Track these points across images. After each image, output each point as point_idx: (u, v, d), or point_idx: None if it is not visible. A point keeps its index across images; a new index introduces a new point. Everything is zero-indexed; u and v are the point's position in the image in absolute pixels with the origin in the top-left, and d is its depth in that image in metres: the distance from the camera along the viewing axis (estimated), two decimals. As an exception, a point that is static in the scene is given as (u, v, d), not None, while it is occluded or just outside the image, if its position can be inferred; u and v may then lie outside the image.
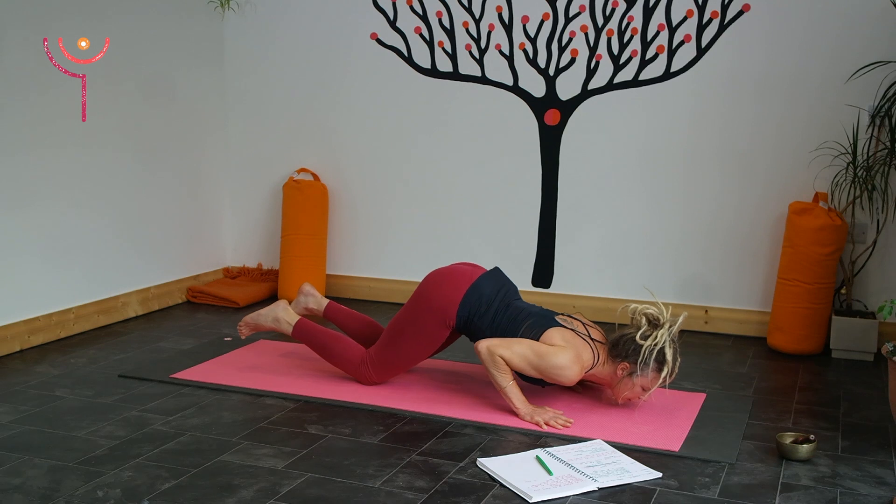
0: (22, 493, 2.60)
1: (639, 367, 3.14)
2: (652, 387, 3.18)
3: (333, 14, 4.91)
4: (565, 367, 3.15)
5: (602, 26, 4.45)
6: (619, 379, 3.21)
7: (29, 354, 3.93)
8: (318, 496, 2.60)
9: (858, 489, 2.73)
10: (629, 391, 3.22)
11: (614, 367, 3.22)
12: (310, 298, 3.81)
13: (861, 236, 4.22)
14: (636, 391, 3.21)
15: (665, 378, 3.16)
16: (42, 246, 4.08)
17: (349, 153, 5.02)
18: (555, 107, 4.59)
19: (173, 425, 3.12)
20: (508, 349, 3.18)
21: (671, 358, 3.13)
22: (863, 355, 4.06)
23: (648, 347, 3.12)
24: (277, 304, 3.68)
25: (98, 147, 4.34)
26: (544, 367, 3.16)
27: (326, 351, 3.55)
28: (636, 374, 3.16)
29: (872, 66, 4.00)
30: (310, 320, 3.66)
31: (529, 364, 3.17)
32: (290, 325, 3.60)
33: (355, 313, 3.80)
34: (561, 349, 3.17)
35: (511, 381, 3.20)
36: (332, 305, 3.81)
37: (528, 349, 3.18)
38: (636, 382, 3.18)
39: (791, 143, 4.27)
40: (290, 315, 3.63)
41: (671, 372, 3.17)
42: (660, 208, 4.53)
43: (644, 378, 3.16)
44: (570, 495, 2.64)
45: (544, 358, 3.15)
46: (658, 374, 3.15)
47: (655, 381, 3.16)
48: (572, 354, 3.16)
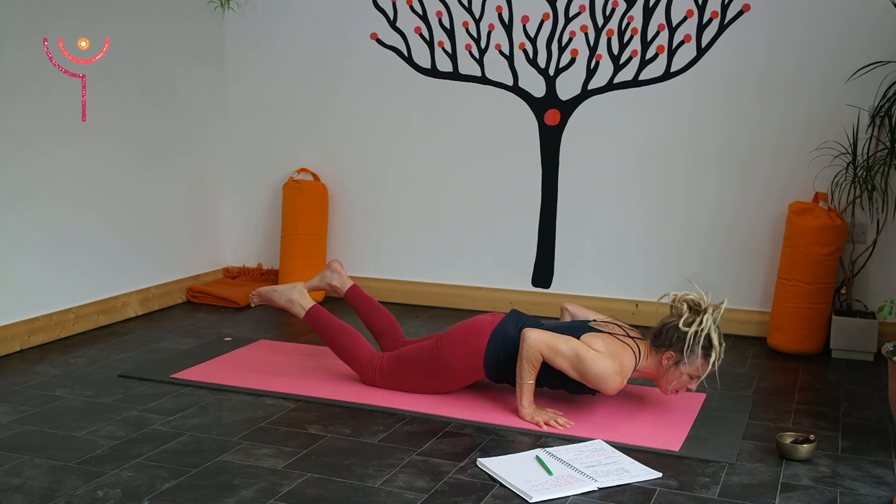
0: (22, 493, 2.60)
1: (685, 355, 3.09)
2: (701, 374, 3.12)
3: (333, 14, 4.91)
4: (606, 378, 3.10)
5: (602, 26, 4.45)
6: (666, 369, 3.16)
7: (29, 354, 3.93)
8: (318, 496, 2.60)
9: (858, 489, 2.73)
10: (676, 381, 3.16)
11: (659, 358, 3.17)
12: (335, 276, 3.77)
13: (861, 236, 4.22)
14: (683, 380, 3.15)
15: (714, 364, 3.11)
16: (42, 246, 4.08)
17: (349, 153, 5.02)
18: (555, 107, 4.59)
19: (173, 425, 3.12)
20: (556, 343, 3.11)
21: (717, 342, 3.09)
22: (863, 355, 4.06)
23: (693, 333, 3.07)
24: (294, 285, 3.64)
25: (98, 147, 4.34)
26: (585, 372, 3.10)
27: (335, 342, 3.53)
28: (683, 363, 3.11)
29: (872, 66, 4.00)
30: (323, 308, 3.62)
31: (572, 366, 3.12)
32: (303, 309, 3.57)
33: (375, 303, 3.76)
34: (602, 357, 3.10)
35: (533, 380, 3.17)
36: (355, 289, 3.77)
37: (573, 349, 3.10)
38: (683, 371, 3.13)
39: (791, 143, 4.27)
40: (306, 299, 3.60)
41: (719, 356, 3.12)
42: (659, 208, 4.53)
43: (692, 366, 3.11)
44: (570, 495, 2.64)
45: (586, 363, 3.09)
46: (706, 360, 3.09)
47: (704, 367, 3.11)
48: (613, 365, 3.10)
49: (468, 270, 4.88)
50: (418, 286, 4.97)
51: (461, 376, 3.36)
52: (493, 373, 3.31)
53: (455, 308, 4.88)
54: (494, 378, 3.33)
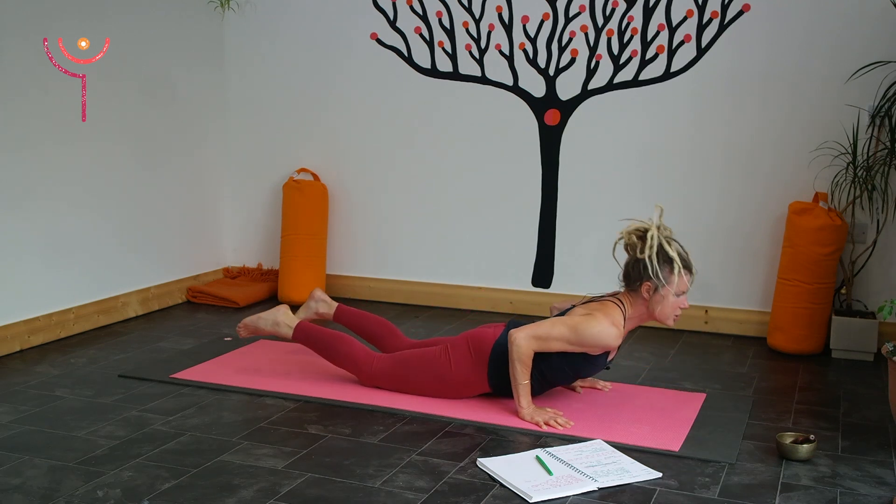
0: (22, 493, 2.60)
1: (656, 278, 3.12)
2: (684, 288, 3.15)
3: (333, 14, 4.91)
4: (603, 333, 3.12)
5: (602, 26, 4.45)
6: (651, 302, 3.18)
7: (29, 354, 3.93)
8: (318, 496, 2.60)
9: (858, 489, 2.73)
10: (668, 306, 3.18)
11: (640, 296, 3.20)
12: (321, 304, 3.78)
13: (861, 236, 4.22)
14: (673, 302, 3.17)
15: (690, 271, 3.15)
16: (42, 246, 4.08)
17: (349, 153, 5.02)
18: (555, 107, 4.59)
19: (173, 425, 3.12)
20: (543, 330, 3.15)
21: (675, 251, 3.13)
22: (863, 355, 4.05)
23: (649, 256, 3.11)
24: (278, 308, 3.65)
25: (98, 147, 4.34)
26: (582, 337, 3.13)
27: (329, 351, 3.53)
28: (661, 286, 3.14)
29: (872, 66, 4.00)
30: (310, 323, 3.64)
31: (568, 340, 3.14)
32: (289, 329, 3.58)
33: (365, 314, 3.78)
34: (590, 317, 3.16)
35: (528, 380, 3.19)
36: (341, 308, 3.79)
37: (562, 326, 3.15)
38: (666, 294, 3.15)
39: (791, 143, 4.27)
40: (290, 318, 3.61)
41: (687, 263, 3.16)
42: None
43: (670, 285, 3.14)
44: (570, 495, 2.64)
45: (579, 330, 3.13)
46: (676, 273, 3.13)
47: (680, 279, 3.14)
48: (604, 319, 3.15)
49: (468, 270, 4.88)
50: (418, 286, 4.97)
51: (465, 388, 3.37)
52: (497, 386, 3.32)
53: (455, 308, 4.88)
54: (498, 391, 3.33)
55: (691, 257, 3.22)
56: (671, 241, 3.17)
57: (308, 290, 4.90)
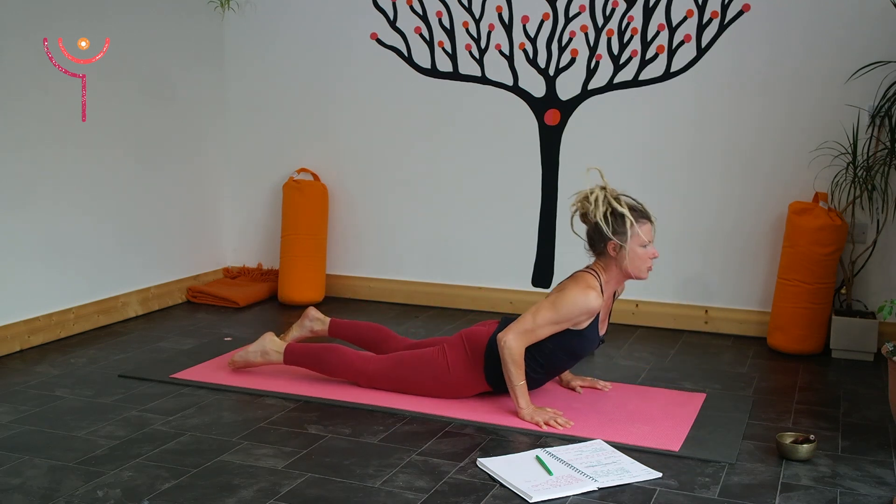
0: (22, 493, 2.60)
1: (615, 234, 3.17)
2: (647, 237, 3.19)
3: (333, 14, 4.91)
4: (579, 296, 3.15)
5: (602, 26, 4.45)
6: (620, 259, 3.21)
7: (29, 354, 3.93)
8: (318, 496, 2.60)
9: (858, 489, 2.73)
10: (637, 260, 3.21)
11: (609, 258, 3.23)
12: (315, 322, 3.78)
13: (861, 236, 4.21)
14: (641, 254, 3.20)
15: (647, 219, 3.20)
16: (42, 246, 4.08)
17: (349, 153, 5.02)
18: (555, 107, 4.59)
19: (173, 425, 3.12)
20: (527, 323, 3.17)
21: (622, 204, 3.18)
22: (863, 355, 4.05)
23: (602, 216, 3.17)
24: (263, 337, 3.64)
25: (98, 147, 4.34)
26: (565, 310, 3.15)
27: (324, 364, 3.53)
28: (624, 241, 3.17)
29: (872, 66, 4.00)
30: (297, 343, 3.64)
31: (554, 321, 3.16)
32: (279, 354, 3.58)
33: (358, 323, 3.80)
34: (565, 290, 3.20)
35: (523, 380, 3.19)
36: (335, 322, 3.80)
37: (542, 311, 3.18)
38: (631, 248, 3.18)
39: (791, 143, 4.27)
40: (277, 344, 3.60)
41: (641, 213, 3.21)
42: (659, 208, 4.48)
43: (632, 239, 3.17)
44: (570, 495, 2.64)
45: (558, 305, 3.16)
46: (630, 225, 3.16)
47: (641, 231, 3.18)
48: (577, 286, 3.19)
49: (468, 270, 4.87)
50: (418, 286, 4.97)
51: (464, 387, 3.37)
52: (495, 383, 3.32)
53: (455, 308, 4.88)
54: (497, 387, 3.33)
55: (646, 207, 3.27)
56: (618, 197, 3.22)
57: (308, 289, 4.92)
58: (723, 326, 4.49)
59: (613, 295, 3.36)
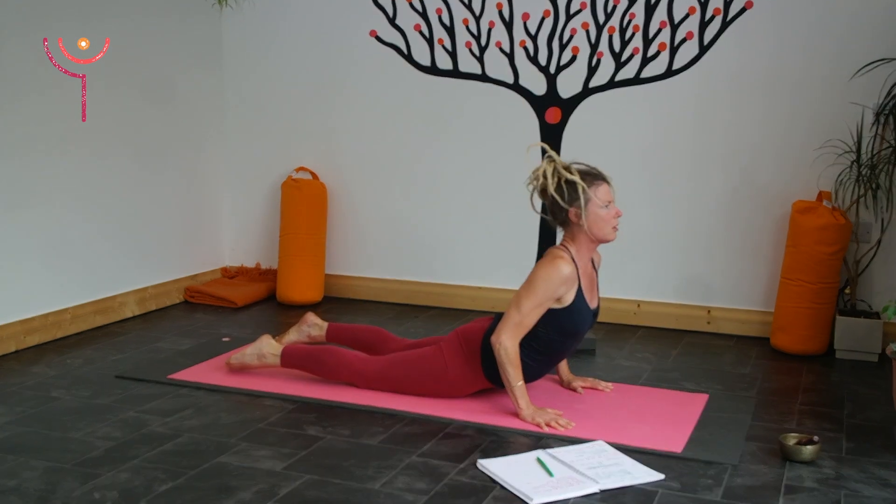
0: (18, 494, 2.58)
1: (574, 203, 3.20)
2: (605, 198, 3.22)
3: (332, 12, 4.89)
4: (550, 269, 3.16)
5: (603, 23, 4.43)
6: (586, 227, 3.23)
7: (25, 355, 3.90)
8: (317, 498, 2.58)
9: (862, 491, 2.71)
10: (601, 222, 3.22)
11: (574, 227, 3.25)
12: (313, 328, 3.77)
13: (865, 235, 4.19)
14: (603, 215, 3.22)
15: (601, 180, 3.23)
16: (39, 245, 4.06)
17: (348, 152, 5.00)
18: (556, 105, 4.56)
19: (171, 426, 3.10)
20: (515, 316, 3.16)
21: (573, 171, 3.22)
22: (867, 356, 4.03)
23: (555, 187, 3.21)
24: (260, 340, 3.63)
25: (97, 147, 4.32)
26: (542, 288, 3.15)
27: (321, 367, 3.51)
28: (584, 206, 3.19)
29: (877, 63, 3.97)
30: (293, 345, 3.63)
31: (538, 303, 3.15)
32: (276, 357, 3.56)
33: (356, 326, 3.79)
34: (536, 269, 3.21)
35: (521, 381, 3.17)
36: (333, 326, 3.79)
37: (523, 299, 3.17)
38: (591, 211, 3.21)
39: (794, 141, 4.24)
40: (274, 347, 3.59)
41: (594, 175, 3.24)
42: (662, 207, 4.51)
43: (590, 202, 3.20)
44: (571, 497, 2.62)
45: (534, 285, 3.16)
46: (581, 190, 3.19)
47: (597, 193, 3.21)
48: (547, 260, 3.21)
49: (468, 270, 4.85)
50: (418, 286, 4.94)
51: (463, 385, 3.35)
52: (493, 376, 3.30)
53: (455, 308, 4.86)
54: (495, 382, 3.31)
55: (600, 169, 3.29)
56: (568, 166, 3.25)
57: (306, 289, 4.90)
58: (725, 327, 4.47)
59: (593, 265, 3.38)
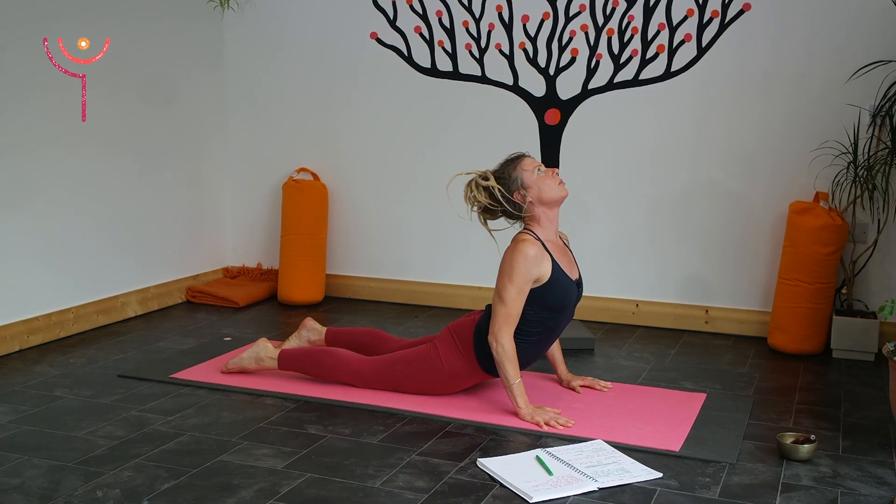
0: (21, 493, 2.60)
1: (513, 189, 3.31)
2: (530, 166, 3.34)
3: (333, 14, 4.91)
4: (518, 252, 3.21)
5: (602, 26, 4.44)
6: (534, 196, 3.30)
7: (28, 354, 3.92)
8: (318, 496, 2.60)
9: (859, 489, 2.73)
10: (543, 186, 3.31)
11: (531, 213, 3.33)
12: (312, 332, 3.78)
13: (862, 236, 4.21)
14: (541, 178, 3.31)
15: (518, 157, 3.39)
16: (41, 246, 4.07)
17: (349, 152, 5.01)
18: (555, 106, 4.57)
19: (173, 425, 3.12)
20: (501, 309, 3.19)
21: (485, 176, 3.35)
22: (864, 355, 4.05)
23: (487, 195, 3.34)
24: (257, 343, 3.65)
25: (98, 147, 4.33)
26: (517, 272, 3.19)
27: (319, 368, 3.53)
28: (526, 185, 3.30)
29: (873, 65, 3.99)
30: (290, 349, 3.63)
31: (518, 291, 3.19)
32: (273, 361, 3.58)
33: (353, 329, 3.81)
34: (504, 258, 3.27)
35: (519, 378, 3.19)
36: (331, 331, 3.80)
37: (502, 291, 3.21)
38: (529, 181, 3.31)
39: (792, 142, 4.26)
40: (271, 351, 3.61)
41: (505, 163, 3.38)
42: (660, 208, 4.52)
43: (527, 179, 3.31)
44: (570, 495, 2.64)
45: (508, 273, 3.20)
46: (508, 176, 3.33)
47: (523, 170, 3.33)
48: (511, 245, 3.27)
49: (468, 270, 4.87)
50: (418, 286, 4.96)
51: (460, 378, 3.37)
52: (486, 364, 3.32)
53: (455, 308, 4.87)
54: (492, 372, 3.33)
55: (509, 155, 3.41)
56: (481, 174, 3.38)
57: (307, 289, 4.92)
58: (723, 326, 4.48)
59: (562, 240, 3.45)
